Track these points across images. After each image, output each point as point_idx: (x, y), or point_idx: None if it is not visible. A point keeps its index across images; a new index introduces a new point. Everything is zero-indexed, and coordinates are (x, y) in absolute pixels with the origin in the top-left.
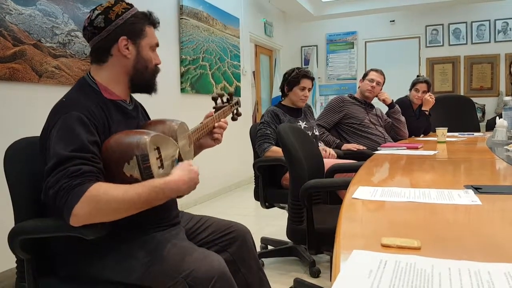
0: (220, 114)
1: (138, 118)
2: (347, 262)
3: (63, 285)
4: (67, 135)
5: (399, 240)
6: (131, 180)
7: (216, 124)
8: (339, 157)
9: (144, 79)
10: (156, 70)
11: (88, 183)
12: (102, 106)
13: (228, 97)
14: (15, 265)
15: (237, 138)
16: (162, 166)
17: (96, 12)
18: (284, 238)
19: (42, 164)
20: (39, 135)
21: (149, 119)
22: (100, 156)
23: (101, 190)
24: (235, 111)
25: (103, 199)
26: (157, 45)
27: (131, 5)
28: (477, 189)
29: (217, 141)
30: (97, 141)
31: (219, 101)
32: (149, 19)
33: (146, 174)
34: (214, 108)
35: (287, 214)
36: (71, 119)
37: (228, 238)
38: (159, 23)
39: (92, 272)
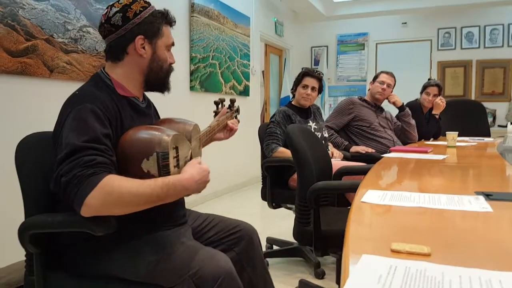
0: (223, 119)
1: (151, 115)
2: (357, 267)
3: (71, 280)
4: (80, 126)
5: (409, 246)
6: (147, 176)
7: (230, 123)
8: (346, 159)
9: (158, 78)
10: (170, 70)
11: (102, 173)
12: (116, 101)
13: (230, 103)
14: (24, 258)
15: (244, 137)
16: (178, 165)
17: (114, 9)
18: (290, 238)
19: (54, 158)
20: (50, 130)
21: (159, 118)
22: (112, 149)
23: (115, 182)
24: (234, 117)
25: (117, 191)
26: (173, 44)
27: (149, 3)
28: (488, 196)
29: (226, 135)
30: (110, 134)
31: (220, 106)
32: (166, 18)
33: (164, 171)
34: (214, 112)
35: (293, 215)
36: (84, 111)
37: (235, 237)
38: (175, 22)
39: (99, 269)
